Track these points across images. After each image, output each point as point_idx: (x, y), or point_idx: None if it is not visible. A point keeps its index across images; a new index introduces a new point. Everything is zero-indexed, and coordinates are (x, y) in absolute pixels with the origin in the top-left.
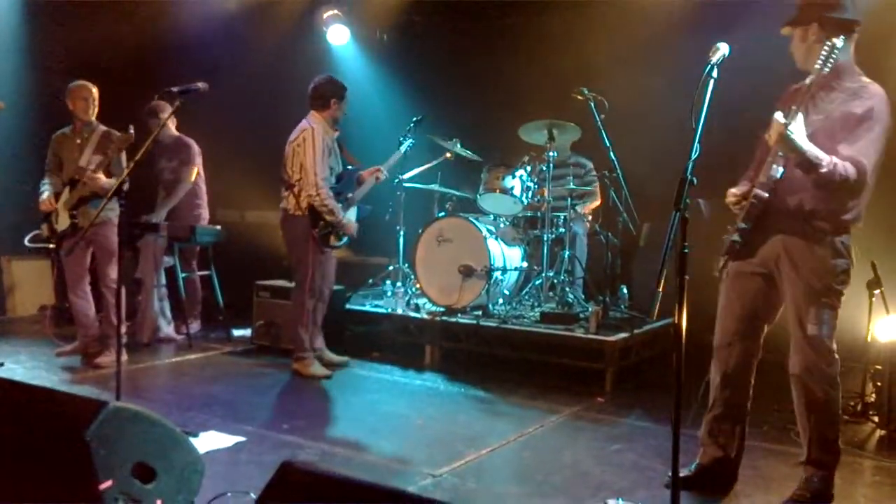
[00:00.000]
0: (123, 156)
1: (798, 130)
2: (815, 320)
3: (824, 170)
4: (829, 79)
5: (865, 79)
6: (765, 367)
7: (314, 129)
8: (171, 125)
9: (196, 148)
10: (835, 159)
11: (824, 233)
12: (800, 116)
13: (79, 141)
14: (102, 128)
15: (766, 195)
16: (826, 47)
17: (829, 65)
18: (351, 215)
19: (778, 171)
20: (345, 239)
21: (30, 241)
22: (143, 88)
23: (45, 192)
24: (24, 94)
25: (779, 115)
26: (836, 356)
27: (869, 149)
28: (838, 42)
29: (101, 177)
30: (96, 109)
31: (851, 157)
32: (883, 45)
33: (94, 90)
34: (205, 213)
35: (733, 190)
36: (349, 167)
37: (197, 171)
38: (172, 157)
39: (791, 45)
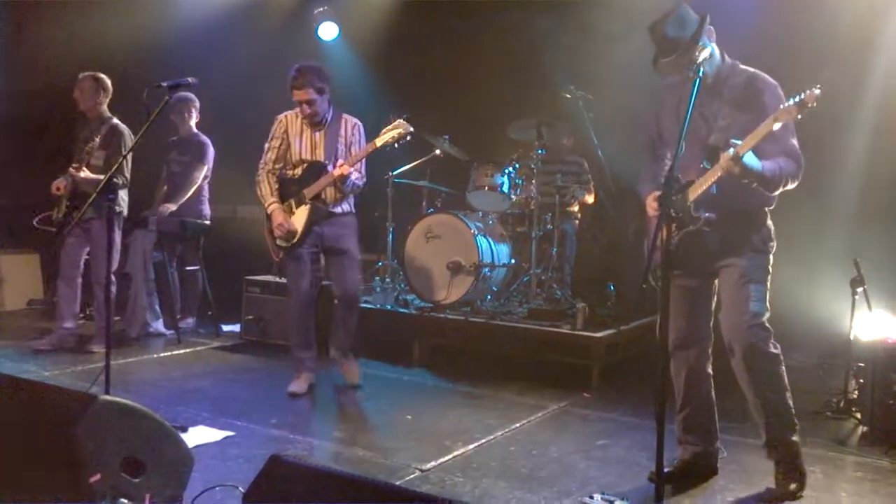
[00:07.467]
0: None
1: (748, 155)
2: (754, 298)
3: (776, 179)
4: (716, 79)
5: (743, 66)
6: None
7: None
8: (192, 121)
9: (211, 149)
10: (779, 163)
11: (753, 218)
12: (747, 140)
13: (85, 134)
14: (113, 122)
15: (711, 215)
16: (700, 59)
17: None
18: (300, 213)
19: (713, 188)
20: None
21: (38, 222)
22: (137, 83)
23: (60, 178)
24: (14, 89)
25: (729, 151)
26: (771, 330)
27: (793, 138)
28: (705, 53)
29: (84, 172)
30: (95, 103)
31: (786, 150)
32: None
33: (88, 83)
34: (206, 210)
35: (652, 200)
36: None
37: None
38: (185, 152)
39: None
